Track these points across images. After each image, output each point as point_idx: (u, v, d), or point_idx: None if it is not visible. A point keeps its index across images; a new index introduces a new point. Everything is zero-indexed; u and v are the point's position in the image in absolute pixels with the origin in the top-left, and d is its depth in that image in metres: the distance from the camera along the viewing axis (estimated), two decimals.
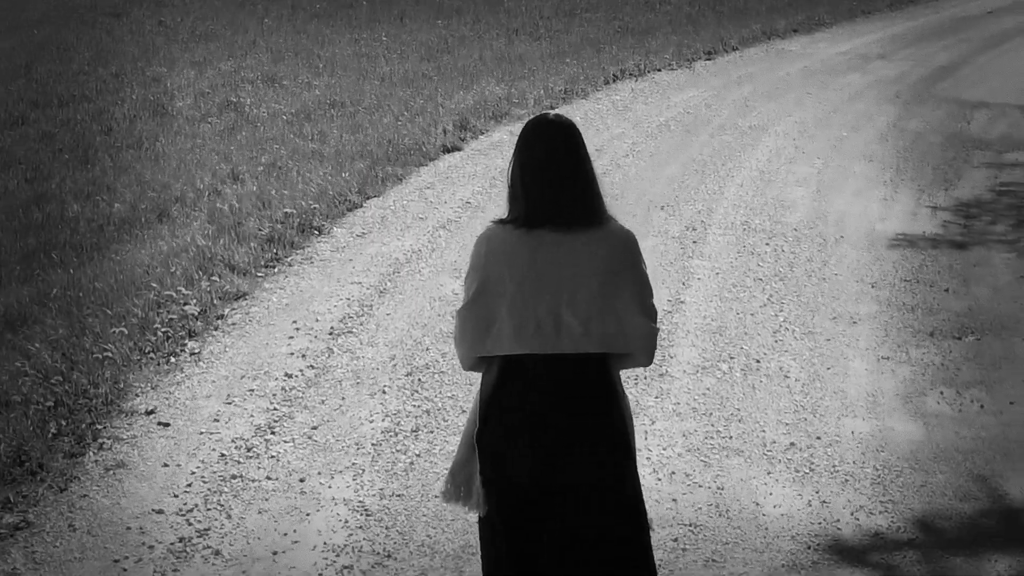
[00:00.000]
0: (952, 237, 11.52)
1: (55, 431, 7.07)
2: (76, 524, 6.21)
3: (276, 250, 10.20)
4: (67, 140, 15.52)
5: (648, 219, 11.55)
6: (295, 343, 8.47)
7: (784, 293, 9.83)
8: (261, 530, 6.25)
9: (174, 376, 7.94)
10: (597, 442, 4.49)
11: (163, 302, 9.03)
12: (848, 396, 8.12)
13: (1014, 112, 17.13)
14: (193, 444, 7.06)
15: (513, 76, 19.29)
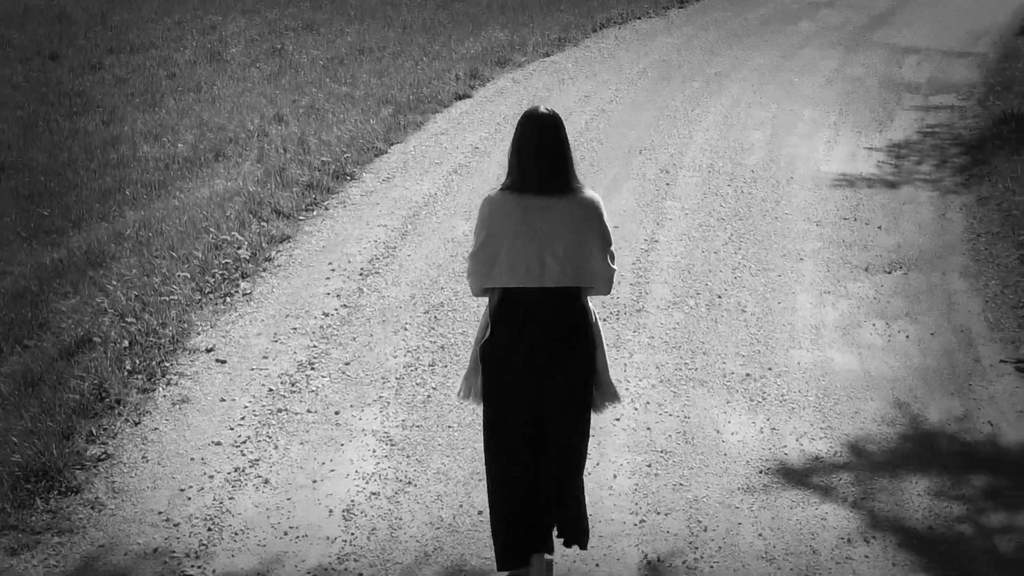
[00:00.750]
0: (885, 177, 11.37)
1: (130, 368, 6.99)
2: (148, 456, 6.17)
3: (315, 195, 10.05)
4: (138, 85, 15.31)
5: (628, 163, 11.39)
6: (331, 284, 8.38)
7: (743, 232, 9.71)
8: (303, 459, 6.21)
9: (229, 315, 7.85)
10: (570, 341, 5.03)
11: (220, 245, 8.92)
12: (795, 328, 8.04)
13: (938, 56, 16.84)
14: (245, 380, 7.00)
15: (516, 23, 18.96)
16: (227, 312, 7.88)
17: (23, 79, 15.58)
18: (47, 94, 14.79)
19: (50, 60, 16.62)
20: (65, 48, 17.24)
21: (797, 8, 20.57)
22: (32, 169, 12.05)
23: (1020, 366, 7.58)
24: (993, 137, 12.26)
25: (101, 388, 6.69)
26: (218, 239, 8.99)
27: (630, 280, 8.64)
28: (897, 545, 5.74)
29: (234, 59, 16.66)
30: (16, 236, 10.19)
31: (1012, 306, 8.42)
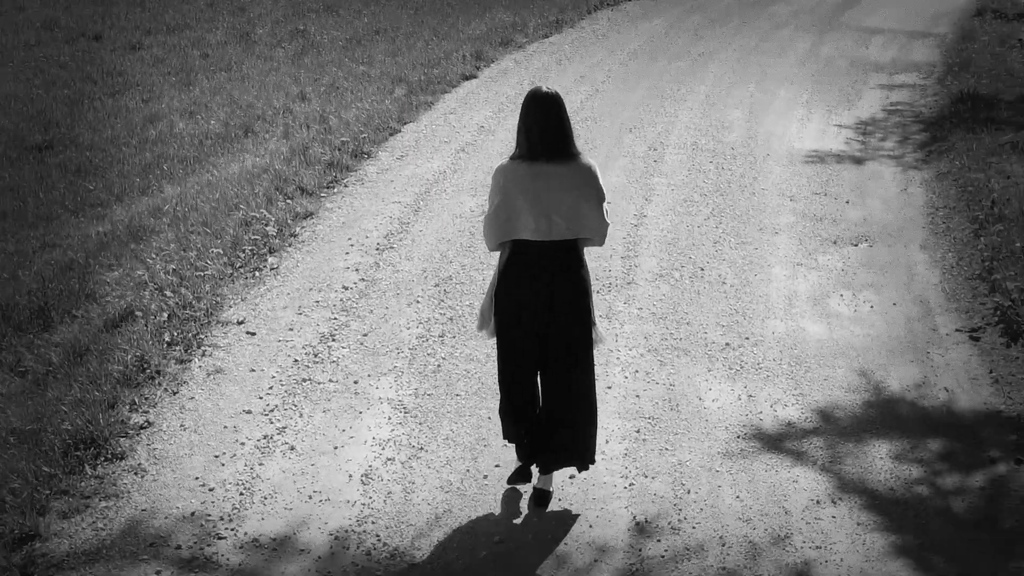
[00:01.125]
0: (853, 153, 11.27)
1: (168, 340, 6.94)
2: (186, 424, 6.14)
3: (335, 174, 9.96)
4: (174, 64, 15.15)
5: (620, 141, 11.28)
6: (350, 258, 8.31)
7: (723, 207, 9.63)
8: (325, 427, 6.18)
9: (258, 289, 7.80)
10: (570, 291, 5.35)
11: (249, 221, 8.85)
12: (770, 299, 7.99)
13: (902, 37, 16.66)
14: (273, 351, 6.96)
15: (518, 5, 18.76)
16: (256, 286, 7.82)
17: (69, 59, 15.42)
18: (91, 73, 14.64)
19: (94, 40, 16.47)
20: (107, 29, 17.07)
21: None
22: (79, 145, 11.94)
23: (974, 335, 7.54)
24: (951, 115, 12.14)
25: (143, 360, 6.65)
26: (248, 216, 8.91)
27: (621, 254, 8.58)
28: (861, 506, 5.73)
29: (261, 40, 16.48)
30: (64, 210, 10.10)
31: (967, 277, 8.35)
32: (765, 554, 5.33)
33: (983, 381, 6.93)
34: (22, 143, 12.00)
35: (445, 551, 5.23)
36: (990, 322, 7.64)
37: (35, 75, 14.60)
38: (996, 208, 9.15)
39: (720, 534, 5.46)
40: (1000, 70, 13.71)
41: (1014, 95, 12.72)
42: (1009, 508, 5.73)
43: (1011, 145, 10.79)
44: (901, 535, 5.49)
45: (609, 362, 6.96)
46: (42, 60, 15.34)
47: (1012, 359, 7.15)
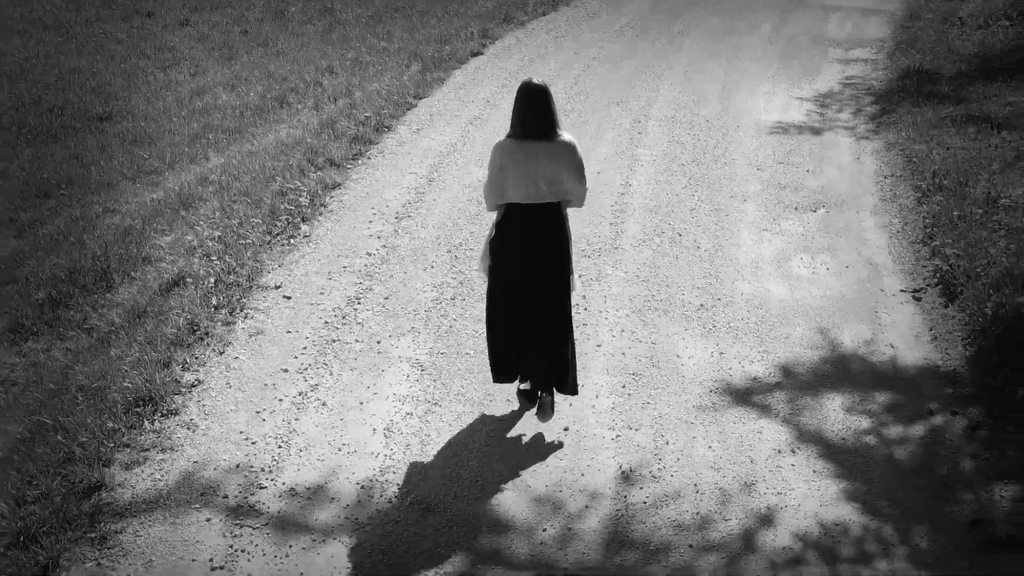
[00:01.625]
0: (812, 124, 11.08)
1: (215, 304, 6.87)
2: (231, 382, 6.09)
3: (359, 147, 9.79)
4: (217, 40, 14.87)
5: (608, 114, 11.09)
6: (373, 227, 8.20)
7: (699, 176, 9.49)
8: (352, 384, 6.13)
9: (293, 255, 7.70)
10: (553, 243, 5.68)
11: (285, 192, 8.72)
12: (740, 263, 7.89)
13: (857, 14, 16.32)
14: (306, 313, 6.88)
15: None
16: (291, 252, 7.73)
17: (126, 35, 15.14)
18: (145, 49, 14.39)
19: (147, 17, 16.16)
20: (159, 7, 16.74)
21: None
22: (135, 116, 11.76)
23: (916, 295, 7.46)
24: (899, 90, 11.91)
25: (193, 323, 6.58)
26: (283, 187, 8.79)
27: (609, 220, 8.47)
28: (818, 455, 5.70)
29: (294, 17, 16.17)
30: (123, 177, 9.96)
31: (911, 241, 8.25)
32: (734, 500, 5.31)
33: (924, 338, 6.87)
34: (85, 114, 11.81)
35: (456, 499, 5.20)
36: (931, 283, 7.55)
37: (96, 50, 14.34)
38: (937, 179, 9.01)
39: (694, 482, 5.43)
40: (942, 47, 13.44)
41: (953, 71, 12.48)
42: (944, 456, 5.70)
43: (951, 119, 10.60)
44: (851, 482, 5.47)
45: (599, 323, 6.89)
46: (102, 36, 15.06)
47: (949, 318, 7.08)
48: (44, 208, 9.25)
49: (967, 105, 11.07)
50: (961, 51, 13.33)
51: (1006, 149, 9.58)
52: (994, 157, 9.41)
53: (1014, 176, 8.91)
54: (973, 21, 14.67)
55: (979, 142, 9.88)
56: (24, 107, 11.95)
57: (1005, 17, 14.40)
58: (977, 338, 6.71)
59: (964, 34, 14.20)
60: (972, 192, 8.62)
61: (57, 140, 11.08)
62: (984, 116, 10.54)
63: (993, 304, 6.89)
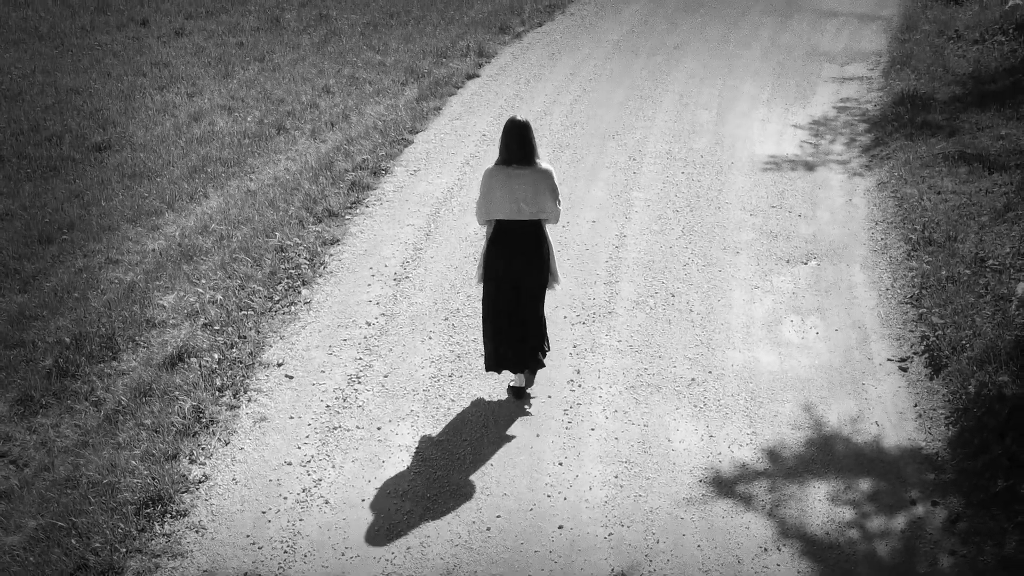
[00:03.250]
0: (806, 158, 11.24)
1: (219, 385, 7.09)
2: (237, 477, 6.31)
3: (357, 194, 9.95)
4: (213, 53, 14.93)
5: (603, 149, 11.24)
6: (371, 290, 8.39)
7: (693, 225, 9.66)
8: (353, 477, 6.35)
9: (294, 325, 7.89)
10: (534, 253, 6.80)
11: (284, 248, 8.91)
12: (731, 327, 8.09)
13: (853, 22, 16.40)
14: (308, 395, 7.09)
15: None
16: (292, 322, 7.92)
17: (121, 47, 15.21)
18: (140, 64, 14.46)
19: (141, 26, 16.20)
20: (153, 13, 16.77)
21: None
22: (133, 145, 11.89)
23: (902, 365, 7.68)
24: (893, 118, 12.06)
25: (198, 409, 6.79)
26: (283, 242, 8.97)
27: (604, 279, 8.67)
28: (801, 553, 5.94)
29: (289, 25, 16.22)
30: (124, 220, 10.13)
31: (899, 301, 8.45)
32: None
33: (908, 415, 7.10)
34: (84, 142, 11.94)
35: None
36: (917, 351, 7.77)
37: (92, 65, 14.42)
38: (927, 232, 9.20)
39: None
40: (937, 66, 13.55)
41: (948, 94, 12.62)
42: (924, 552, 5.95)
43: (943, 156, 10.76)
44: None
45: (593, 402, 7.12)
46: (97, 49, 15.13)
47: (934, 392, 7.30)
48: (47, 255, 9.42)
49: (960, 138, 11.23)
50: (956, 70, 13.45)
51: (996, 196, 9.77)
52: (984, 205, 9.60)
53: (1003, 230, 9.10)
54: (969, 34, 14.77)
55: (970, 185, 10.06)
56: (23, 134, 12.07)
57: (1000, 32, 14.49)
58: (960, 417, 6.94)
59: (960, 49, 14.31)
60: (961, 248, 8.82)
61: (57, 173, 11.22)
62: (976, 154, 10.71)
63: (976, 382, 7.12)
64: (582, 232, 9.38)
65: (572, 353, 7.62)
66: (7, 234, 9.81)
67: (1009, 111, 11.83)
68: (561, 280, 7.31)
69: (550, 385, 7.26)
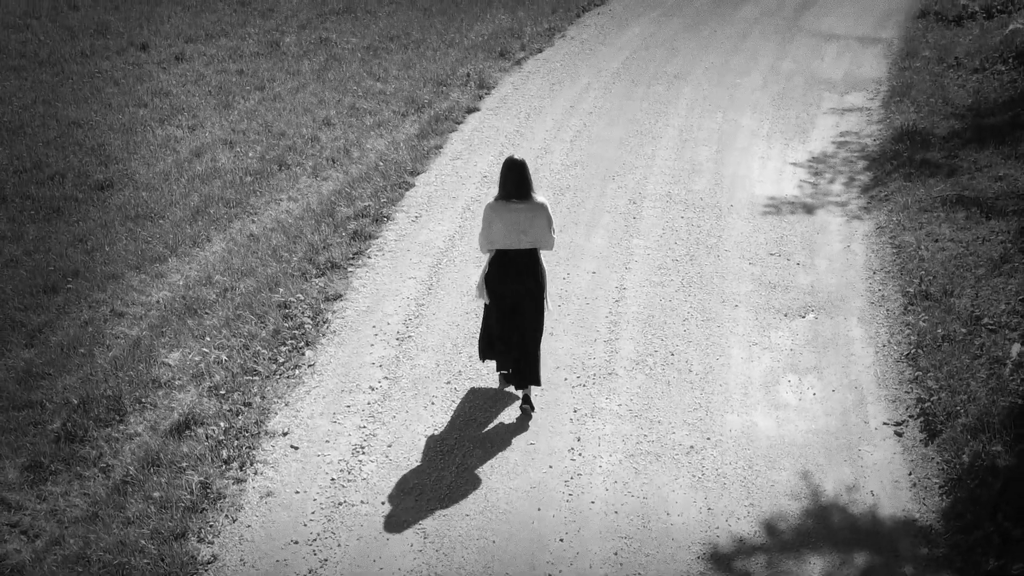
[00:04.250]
0: (805, 200, 11.39)
1: (226, 458, 7.26)
2: (245, 557, 6.48)
3: (359, 244, 10.11)
4: (214, 81, 15.05)
5: (603, 192, 11.39)
6: (375, 351, 8.55)
7: (692, 276, 9.80)
8: (359, 556, 6.52)
9: (298, 390, 8.05)
10: (531, 278, 7.55)
11: (287, 303, 9.07)
12: (729, 388, 8.24)
13: (853, 45, 16.51)
14: (313, 467, 7.25)
15: (514, 2, 18.53)
16: (297, 387, 8.08)
17: (121, 74, 15.33)
18: (140, 93, 14.58)
19: (141, 51, 16.31)
20: (152, 36, 16.87)
21: None
22: (135, 184, 12.03)
23: (898, 430, 7.86)
24: (892, 156, 12.21)
25: (206, 483, 6.96)
26: (286, 298, 9.13)
27: (604, 337, 8.83)
28: None
29: (289, 50, 16.34)
30: (127, 267, 10.28)
31: (896, 359, 8.62)
32: None
33: (903, 484, 7.28)
34: (87, 180, 12.08)
35: None
36: (913, 414, 7.94)
37: (93, 95, 14.54)
38: (923, 285, 9.37)
39: None
40: (937, 97, 13.70)
41: (946, 129, 12.76)
42: None
43: (941, 200, 10.92)
44: None
45: (593, 472, 7.30)
46: (97, 76, 15.25)
47: (929, 460, 7.48)
48: (52, 306, 9.58)
49: (958, 178, 11.39)
50: (956, 101, 13.59)
51: (993, 244, 9.93)
52: (981, 255, 9.77)
53: (998, 283, 9.27)
54: (969, 62, 14.90)
55: (967, 232, 10.22)
56: (27, 171, 12.22)
57: (1001, 60, 14.63)
58: (953, 488, 7.13)
59: (960, 78, 14.44)
60: (957, 304, 8.99)
61: (60, 214, 11.38)
62: (974, 197, 10.86)
63: (970, 452, 7.31)
64: (582, 285, 9.55)
65: (573, 419, 7.80)
66: (12, 283, 9.97)
67: (1008, 149, 11.98)
68: (552, 307, 8.24)
69: (550, 455, 7.43)
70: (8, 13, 17.77)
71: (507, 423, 7.74)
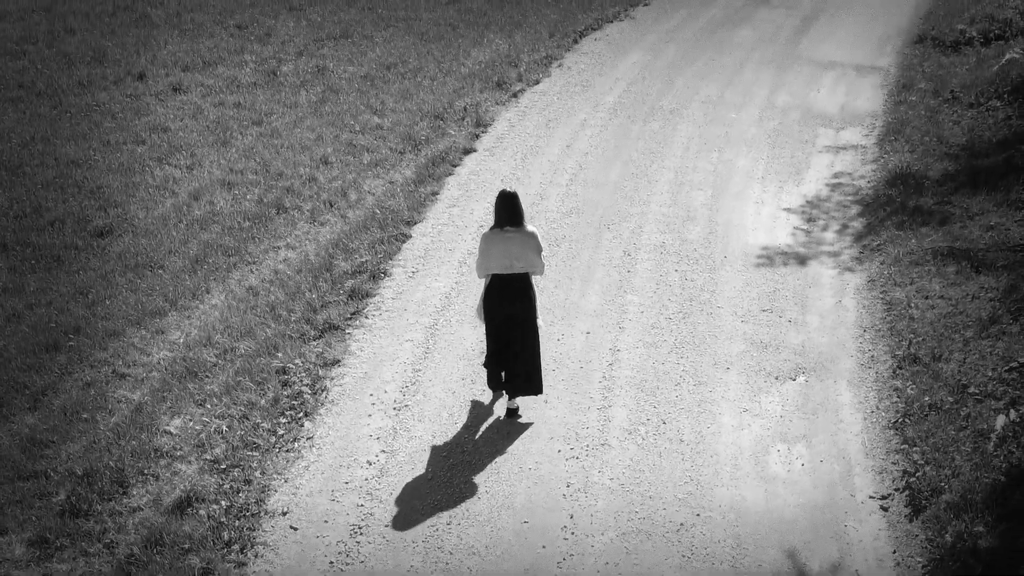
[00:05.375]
0: (798, 249, 11.62)
1: (227, 539, 7.52)
2: None
3: (356, 303, 10.36)
4: (211, 115, 15.25)
5: (599, 243, 11.62)
6: (372, 422, 8.79)
7: (684, 336, 10.03)
8: None
9: (297, 465, 8.28)
10: (524, 300, 8.57)
11: (287, 369, 9.34)
12: (719, 460, 8.46)
13: (852, 74, 16.72)
14: (312, 549, 7.45)
15: (511, 25, 18.73)
16: (296, 461, 8.33)
17: (119, 107, 15.55)
18: (138, 128, 14.78)
19: (138, 80, 16.51)
20: (150, 64, 17.06)
21: (740, 5, 20.14)
22: (134, 229, 12.27)
23: (883, 504, 8.13)
24: (885, 201, 12.44)
25: (207, 570, 7.23)
26: (285, 363, 9.40)
27: (597, 404, 9.08)
28: None
29: (286, 80, 16.54)
30: (128, 323, 10.54)
31: (884, 426, 8.87)
32: None
33: (887, 563, 7.54)
34: (86, 226, 12.33)
35: None
36: (899, 487, 8.19)
37: (90, 130, 14.77)
38: (912, 348, 9.63)
39: None
40: (932, 135, 13.92)
41: (940, 171, 12.99)
42: None
43: (932, 252, 11.17)
44: None
45: (585, 553, 7.57)
46: (95, 109, 15.47)
47: (913, 537, 7.75)
48: (55, 366, 9.85)
49: (950, 228, 11.63)
50: (950, 139, 13.83)
51: (982, 302, 10.19)
52: (970, 314, 10.03)
53: (986, 347, 9.54)
54: (965, 96, 15.12)
55: (957, 288, 10.48)
56: (26, 216, 12.47)
57: (996, 95, 14.85)
58: (936, 569, 7.41)
59: (955, 114, 14.67)
60: (944, 370, 9.25)
61: (61, 263, 11.64)
62: (965, 250, 11.11)
63: (953, 532, 7.58)
64: (576, 347, 9.81)
65: (565, 494, 8.08)
66: (15, 340, 10.24)
67: (1000, 195, 12.22)
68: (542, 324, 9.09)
69: (544, 533, 7.71)
70: (5, 39, 17.98)
71: (500, 498, 8.00)
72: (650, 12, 19.66)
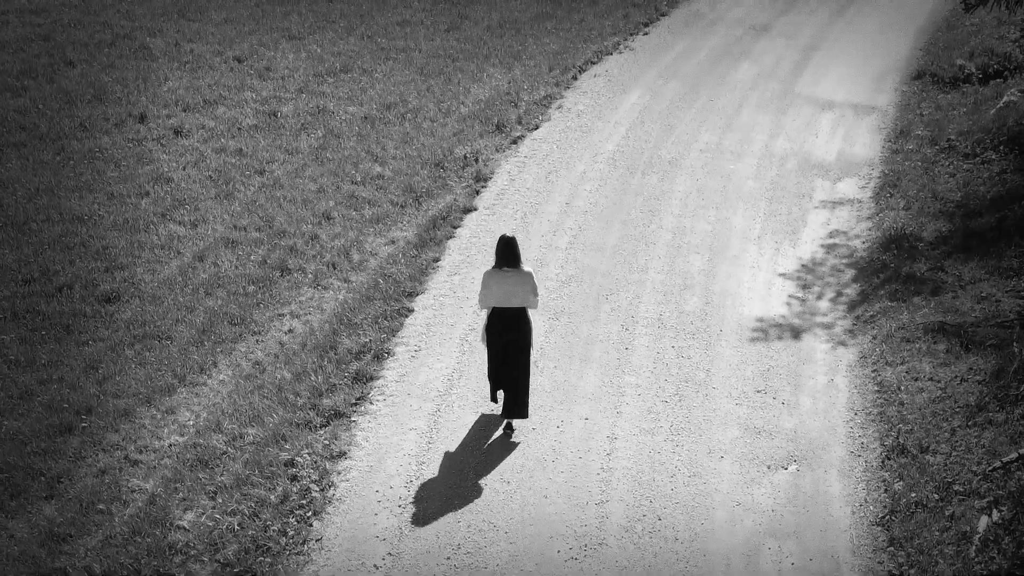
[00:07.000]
0: (792, 320, 12.06)
1: None
2: None
3: (361, 387, 10.82)
4: (213, 164, 15.66)
5: (597, 316, 12.06)
6: (378, 521, 9.22)
7: (679, 421, 10.44)
8: None
9: (307, 570, 8.65)
10: (521, 328, 9.90)
11: (294, 461, 9.82)
12: (712, 561, 8.79)
13: (850, 115, 17.09)
14: None
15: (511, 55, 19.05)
16: (306, 566, 8.73)
17: (121, 154, 15.92)
18: (142, 179, 15.18)
19: (139, 122, 16.88)
20: (150, 103, 17.43)
21: (740, 34, 20.44)
22: (141, 294, 12.72)
23: None
24: (879, 267, 12.87)
25: None
26: (292, 455, 9.87)
27: (595, 499, 9.53)
28: None
29: (286, 121, 16.90)
30: (138, 401, 11.02)
31: (870, 522, 9.35)
32: None
33: None
34: (93, 292, 12.78)
35: None
36: None
37: (94, 179, 15.17)
38: (900, 438, 10.12)
39: None
40: (927, 191, 14.35)
41: (934, 233, 13.43)
42: None
43: (923, 328, 11.64)
44: None
45: None
46: (97, 156, 15.85)
47: None
48: (69, 450, 10.36)
49: (942, 299, 12.09)
50: (945, 196, 14.26)
51: (971, 385, 10.67)
52: (958, 399, 10.51)
53: (972, 437, 10.03)
54: (962, 144, 15.53)
55: (947, 369, 10.95)
56: (34, 280, 12.92)
57: (992, 146, 15.27)
58: None
59: (951, 166, 15.10)
60: (931, 463, 9.75)
61: (70, 333, 12.11)
62: (956, 325, 11.58)
63: None
64: (575, 435, 10.28)
65: None
66: (28, 421, 10.74)
67: (992, 261, 12.68)
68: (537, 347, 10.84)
69: None
70: (4, 74, 18.31)
71: None
72: (649, 42, 19.96)
